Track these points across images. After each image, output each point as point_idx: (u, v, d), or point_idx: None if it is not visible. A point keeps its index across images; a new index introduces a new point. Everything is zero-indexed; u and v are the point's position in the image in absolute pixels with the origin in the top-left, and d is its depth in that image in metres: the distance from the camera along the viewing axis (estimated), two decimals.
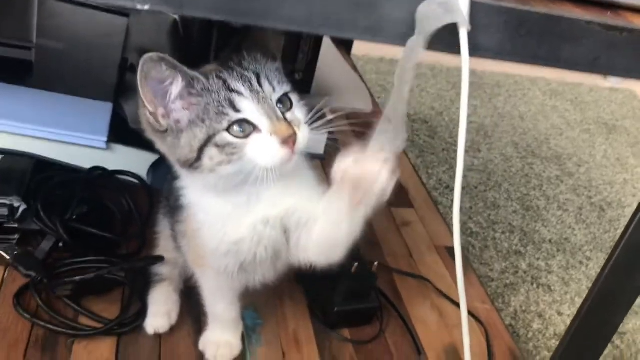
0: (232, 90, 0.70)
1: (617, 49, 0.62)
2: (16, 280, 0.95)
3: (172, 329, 0.94)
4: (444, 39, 0.59)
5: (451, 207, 1.82)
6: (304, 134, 0.72)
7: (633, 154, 2.44)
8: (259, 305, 1.00)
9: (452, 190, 1.90)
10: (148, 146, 1.12)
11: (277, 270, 0.85)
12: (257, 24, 0.55)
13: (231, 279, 0.83)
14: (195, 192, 0.78)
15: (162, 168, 1.12)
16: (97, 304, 0.95)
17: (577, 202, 2.03)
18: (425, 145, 2.14)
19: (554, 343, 1.44)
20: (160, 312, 0.94)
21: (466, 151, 2.18)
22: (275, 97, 0.72)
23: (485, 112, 2.49)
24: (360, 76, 1.84)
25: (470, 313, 1.11)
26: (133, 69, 1.33)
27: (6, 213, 0.98)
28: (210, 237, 0.78)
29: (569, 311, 1.55)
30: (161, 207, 1.01)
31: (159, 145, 0.74)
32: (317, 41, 1.44)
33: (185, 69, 0.68)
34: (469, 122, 2.36)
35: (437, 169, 2.01)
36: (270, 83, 0.72)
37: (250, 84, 0.71)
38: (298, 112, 0.74)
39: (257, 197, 0.76)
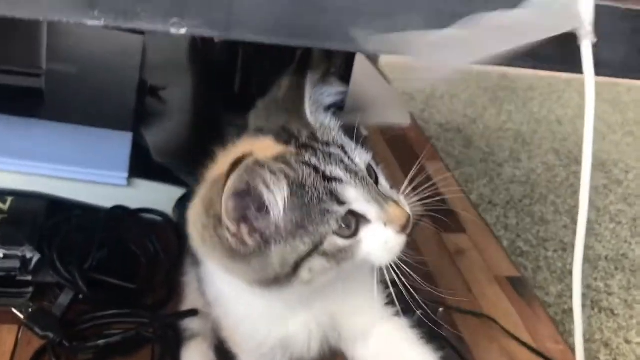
0: (329, 179, 0.55)
1: None
2: (32, 342, 0.84)
3: None
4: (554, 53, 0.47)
5: (496, 224, 1.70)
6: (408, 208, 0.58)
7: None
8: None
9: (496, 205, 1.78)
10: (173, 179, 1.02)
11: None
12: (321, 46, 0.43)
13: None
14: (230, 285, 0.63)
15: (189, 204, 1.00)
16: None
17: (629, 212, 1.89)
18: (460, 157, 2.01)
19: None
20: None
21: (506, 161, 2.07)
22: (365, 170, 0.58)
23: (522, 117, 2.36)
24: (394, 87, 1.72)
25: (543, 355, 0.98)
26: (152, 92, 1.22)
27: (18, 265, 0.86)
28: (252, 333, 0.65)
29: (638, 338, 1.41)
30: (189, 252, 0.89)
31: (229, 267, 0.58)
32: (350, 55, 1.32)
33: (285, 168, 0.53)
34: (505, 130, 2.24)
35: (476, 182, 1.89)
36: (357, 154, 0.58)
37: (343, 162, 0.56)
38: (384, 182, 0.60)
39: (321, 293, 0.62)
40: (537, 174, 2.01)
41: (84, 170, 0.95)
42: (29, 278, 0.88)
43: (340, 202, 0.54)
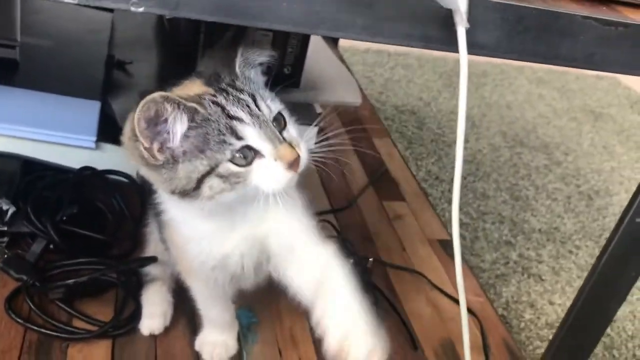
0: (232, 117, 0.67)
1: (612, 44, 0.62)
2: (7, 285, 0.94)
3: (167, 330, 0.94)
4: (440, 36, 0.59)
5: (441, 198, 1.83)
6: (304, 154, 0.70)
7: (619, 141, 2.45)
8: (253, 303, 1.00)
9: (442, 181, 1.91)
10: None
11: (264, 277, 0.84)
12: (253, 25, 0.54)
13: (222, 288, 0.83)
14: (177, 208, 0.76)
15: None
16: (90, 306, 0.94)
17: (565, 191, 2.04)
18: (413, 137, 2.14)
19: (546, 332, 1.45)
20: (155, 313, 0.93)
21: (454, 142, 2.19)
22: (271, 117, 0.70)
23: (472, 101, 2.49)
24: (349, 68, 1.83)
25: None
26: (120, 66, 1.32)
27: None
28: (197, 251, 0.77)
29: (560, 300, 1.56)
30: (150, 208, 1.00)
31: (148, 174, 0.71)
32: (306, 36, 1.43)
33: (186, 103, 0.65)
34: (457, 113, 2.36)
35: (425, 160, 2.02)
36: (266, 104, 0.70)
37: (249, 107, 0.68)
38: (292, 129, 0.72)
39: (243, 216, 0.74)
40: (483, 154, 2.15)
41: (57, 134, 1.05)
42: (5, 228, 0.98)
43: (238, 137, 0.66)
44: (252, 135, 0.67)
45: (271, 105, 0.70)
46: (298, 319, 1.01)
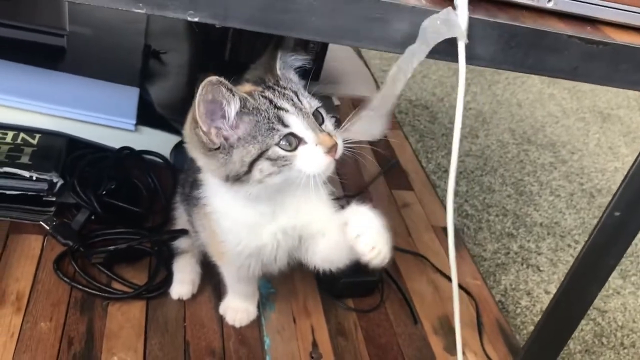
0: (279, 108, 0.77)
1: (594, 59, 0.72)
2: (55, 248, 1.06)
3: (195, 295, 1.05)
4: (446, 49, 0.69)
5: (448, 189, 1.92)
6: (340, 143, 0.80)
7: (625, 142, 2.53)
8: (272, 276, 1.11)
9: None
10: (172, 129, 1.24)
11: (292, 262, 0.95)
12: (287, 34, 0.65)
13: (251, 271, 0.94)
14: (221, 201, 0.86)
15: (184, 150, 1.22)
16: (127, 271, 1.06)
17: (568, 188, 2.13)
18: (425, 130, 2.24)
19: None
20: (185, 280, 1.05)
21: (464, 137, 2.30)
22: (311, 111, 0.80)
23: (484, 98, 2.58)
24: (365, 63, 1.93)
25: (462, 287, 1.22)
26: (155, 55, 1.43)
27: (46, 187, 1.08)
28: (235, 242, 0.88)
29: (555, 290, 1.66)
30: (178, 192, 1.11)
31: (206, 162, 0.80)
32: None
33: (238, 91, 0.75)
34: (468, 109, 2.46)
35: (436, 153, 2.11)
36: (307, 100, 0.80)
37: (293, 101, 0.78)
38: (329, 124, 0.82)
39: (282, 207, 0.85)
40: (491, 149, 2.24)
41: (100, 115, 1.16)
42: (54, 199, 1.10)
43: (284, 125, 0.76)
44: (296, 123, 0.77)
45: (311, 101, 0.81)
46: (310, 292, 1.12)
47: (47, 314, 0.96)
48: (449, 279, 1.23)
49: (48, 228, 1.07)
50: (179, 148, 1.25)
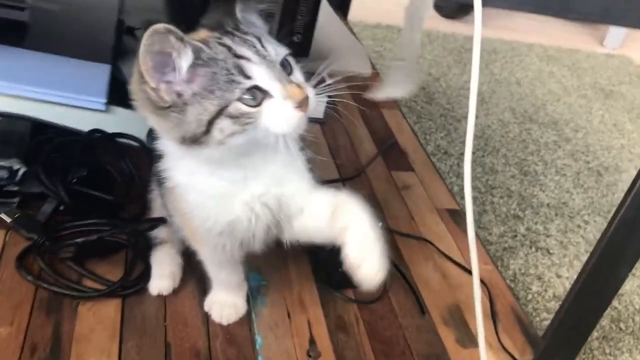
0: (239, 56, 0.66)
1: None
2: (18, 244, 0.95)
3: (176, 290, 0.94)
4: None
5: (449, 172, 1.82)
6: (312, 96, 0.69)
7: (629, 119, 2.44)
8: (262, 266, 1.00)
9: (450, 155, 1.90)
10: None
11: (272, 239, 0.84)
12: None
13: (230, 253, 0.83)
14: (183, 172, 0.76)
15: None
16: (100, 266, 0.94)
17: (574, 167, 2.03)
18: (422, 112, 2.13)
19: (553, 305, 1.46)
20: (164, 274, 0.94)
21: (463, 117, 2.19)
22: (278, 60, 0.69)
23: (482, 78, 2.48)
24: (358, 40, 1.82)
25: (469, 272, 1.11)
26: (130, 31, 1.31)
27: (6, 175, 0.97)
28: (204, 217, 0.77)
29: (567, 273, 1.56)
30: (153, 175, 0.99)
31: (157, 122, 0.70)
32: (316, 3, 1.42)
33: (190, 40, 0.65)
34: (465, 89, 2.35)
35: (434, 135, 2.01)
36: (272, 46, 0.69)
37: (255, 48, 0.68)
38: (299, 75, 0.71)
39: (254, 173, 0.74)
40: (492, 129, 2.13)
41: (67, 95, 1.05)
42: (16, 188, 0.98)
43: (246, 76, 0.65)
44: (260, 74, 0.66)
45: (277, 48, 0.70)
46: (306, 283, 1.02)
47: (8, 317, 0.84)
48: (457, 264, 1.13)
49: (10, 221, 0.96)
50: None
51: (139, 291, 0.92)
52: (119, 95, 1.11)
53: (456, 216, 1.26)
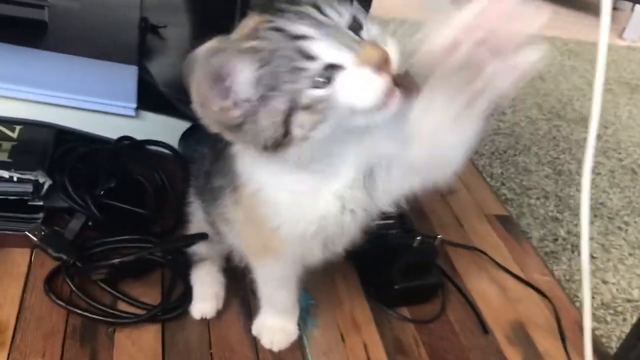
0: (297, 37, 0.56)
1: None
2: (45, 264, 0.86)
3: (220, 313, 0.86)
4: None
5: (482, 172, 1.74)
6: (394, 49, 0.58)
7: None
8: (309, 285, 0.92)
9: (482, 155, 1.82)
10: (179, 112, 1.04)
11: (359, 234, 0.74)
12: None
13: (295, 265, 0.75)
14: (267, 174, 0.66)
15: (194, 136, 1.03)
16: (135, 287, 0.86)
17: (607, 164, 1.95)
18: None
19: (602, 313, 1.37)
20: (207, 295, 0.85)
21: (491, 114, 2.12)
22: (344, 22, 0.58)
23: None
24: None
25: (532, 286, 1.04)
26: (153, 30, 1.23)
27: (31, 190, 0.88)
28: (292, 220, 0.68)
29: (614, 279, 1.48)
30: (191, 186, 0.91)
31: (238, 140, 0.63)
32: None
33: (240, 46, 0.56)
34: None
35: None
36: (335, 9, 0.58)
37: (313, 18, 0.57)
38: (374, 30, 0.59)
39: (341, 158, 0.65)
40: (521, 126, 2.06)
41: (93, 100, 0.96)
42: (41, 203, 0.90)
43: (310, 57, 0.56)
44: (324, 49, 0.56)
45: (340, 9, 0.58)
46: (357, 300, 0.94)
47: (39, 347, 0.76)
48: (515, 276, 1.05)
49: (36, 239, 0.87)
50: (188, 135, 1.05)
51: (179, 315, 0.84)
52: (148, 98, 1.02)
53: (506, 223, 1.18)
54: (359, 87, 0.56)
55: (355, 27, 0.58)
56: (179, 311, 0.84)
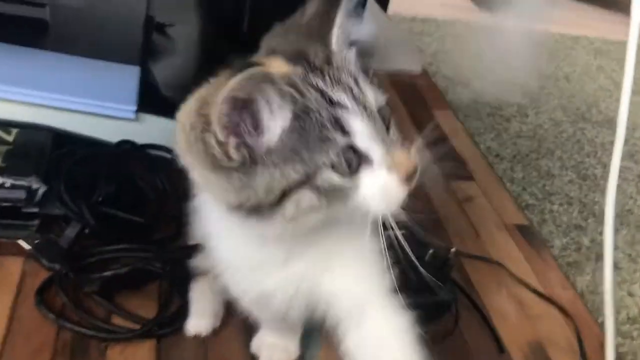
0: (335, 104, 0.50)
1: None
2: (39, 274, 0.83)
3: (217, 330, 0.81)
4: None
5: (503, 177, 1.68)
6: (420, 164, 0.53)
7: None
8: None
9: (503, 159, 1.75)
10: None
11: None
12: None
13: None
14: (219, 223, 0.60)
15: None
16: (131, 299, 0.83)
17: (635, 169, 1.88)
18: (468, 110, 1.99)
19: (628, 328, 1.30)
20: (204, 312, 0.81)
21: (513, 116, 2.05)
22: (376, 109, 0.52)
23: (528, 73, 2.33)
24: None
25: (553, 302, 0.98)
26: (159, 29, 1.19)
27: (24, 196, 0.85)
28: (235, 280, 0.64)
29: None
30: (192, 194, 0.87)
31: (210, 181, 0.53)
32: None
33: (286, 89, 0.49)
34: (512, 83, 2.21)
35: (483, 136, 1.86)
36: (371, 91, 0.53)
37: (353, 92, 0.51)
38: (394, 131, 0.55)
39: (301, 252, 0.59)
40: (544, 129, 1.98)
41: (91, 102, 0.93)
42: (35, 210, 0.86)
43: (344, 132, 0.50)
44: (360, 129, 0.50)
45: (376, 94, 0.53)
46: None
47: None
48: (535, 291, 0.99)
49: (29, 247, 0.84)
50: None
51: (176, 330, 0.80)
52: (149, 101, 0.98)
53: (526, 233, 1.13)
54: (383, 193, 0.51)
55: (384, 117, 0.53)
56: (175, 326, 0.80)
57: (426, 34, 2.48)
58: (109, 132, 0.96)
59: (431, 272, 0.87)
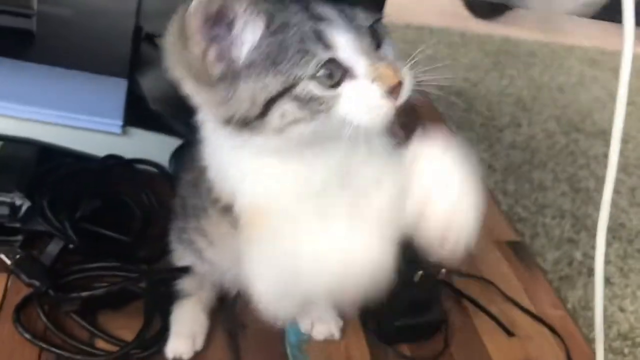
0: (318, 18, 0.51)
1: None
2: (21, 291, 0.81)
3: (202, 352, 0.79)
4: None
5: (494, 189, 1.67)
6: (408, 81, 0.53)
7: None
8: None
9: (495, 170, 1.75)
10: (170, 130, 0.99)
11: None
12: None
13: None
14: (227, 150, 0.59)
15: (186, 155, 0.97)
16: (113, 319, 0.81)
17: (628, 182, 1.87)
18: (461, 120, 1.98)
19: (619, 345, 1.30)
20: (184, 335, 0.78)
21: (506, 126, 2.04)
22: (367, 26, 0.53)
23: (522, 83, 2.33)
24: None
25: (543, 322, 0.97)
26: (149, 39, 1.18)
27: (7, 212, 0.84)
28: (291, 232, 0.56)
29: (632, 307, 1.40)
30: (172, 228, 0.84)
31: (200, 96, 0.55)
32: None
33: (264, 4, 0.51)
34: (505, 94, 2.21)
35: (476, 147, 1.85)
36: (360, 10, 0.54)
37: (340, 7, 0.52)
38: (390, 50, 0.55)
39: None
40: (537, 140, 1.98)
41: (77, 116, 0.92)
42: (18, 225, 0.85)
43: (326, 45, 0.51)
44: (344, 43, 0.51)
45: (365, 11, 0.54)
46: (353, 336, 0.87)
47: None
48: (525, 310, 0.98)
49: (10, 263, 0.82)
50: (180, 153, 0.99)
51: (157, 353, 0.78)
52: (136, 114, 0.97)
53: (518, 249, 1.11)
54: (365, 104, 0.52)
55: (375, 37, 0.54)
56: (154, 349, 0.78)
57: (420, 41, 2.48)
58: (96, 146, 0.95)
59: (421, 292, 0.87)
